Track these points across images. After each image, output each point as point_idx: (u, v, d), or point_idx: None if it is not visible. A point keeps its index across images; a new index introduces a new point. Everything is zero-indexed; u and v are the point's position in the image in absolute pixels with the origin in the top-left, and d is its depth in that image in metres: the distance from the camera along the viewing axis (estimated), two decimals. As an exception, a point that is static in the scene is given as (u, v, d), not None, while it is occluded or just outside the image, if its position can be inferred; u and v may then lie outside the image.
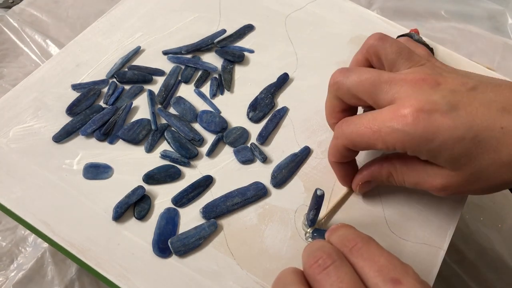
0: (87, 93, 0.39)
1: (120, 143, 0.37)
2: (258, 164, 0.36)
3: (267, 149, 0.37)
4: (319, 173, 0.36)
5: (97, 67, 0.41)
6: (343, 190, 0.35)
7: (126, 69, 0.41)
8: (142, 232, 0.32)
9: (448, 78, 0.28)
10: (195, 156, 0.36)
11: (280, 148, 0.37)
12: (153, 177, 0.35)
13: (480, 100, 0.27)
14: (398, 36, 0.43)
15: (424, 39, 0.43)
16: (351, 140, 0.29)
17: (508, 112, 0.27)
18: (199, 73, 0.42)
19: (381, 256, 0.23)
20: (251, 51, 0.44)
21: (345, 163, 0.33)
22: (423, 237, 0.34)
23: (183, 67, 0.42)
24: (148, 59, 0.42)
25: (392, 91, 0.28)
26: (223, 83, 0.41)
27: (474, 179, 0.27)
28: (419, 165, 0.30)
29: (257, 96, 0.40)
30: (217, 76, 0.41)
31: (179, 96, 0.40)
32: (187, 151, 0.36)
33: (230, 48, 0.43)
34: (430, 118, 0.26)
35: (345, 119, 0.30)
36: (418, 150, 0.27)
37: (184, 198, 0.34)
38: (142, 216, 0.33)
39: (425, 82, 0.28)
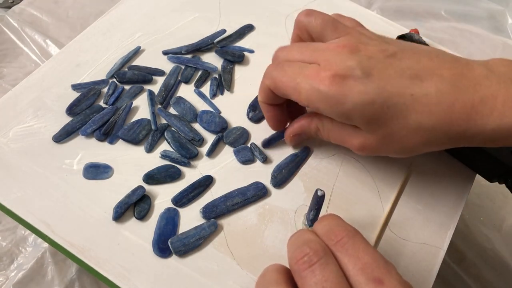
0: (87, 93, 0.39)
1: (120, 143, 0.37)
2: (258, 164, 0.36)
3: (267, 149, 0.37)
4: (319, 173, 0.36)
5: (97, 67, 0.41)
6: (345, 188, 0.35)
7: (126, 69, 0.41)
8: (142, 232, 0.32)
9: (369, 45, 0.30)
10: (195, 156, 0.36)
11: (280, 148, 0.37)
12: (153, 177, 0.35)
13: (395, 68, 0.29)
14: (398, 36, 0.43)
15: (424, 39, 0.43)
16: (274, 83, 0.31)
17: (420, 80, 0.28)
18: (199, 73, 0.42)
19: (366, 253, 0.23)
20: (251, 51, 0.44)
21: (273, 106, 0.34)
22: (423, 237, 0.34)
23: (183, 67, 0.42)
24: (148, 59, 0.42)
25: (316, 55, 0.30)
26: (223, 83, 0.41)
27: (387, 141, 0.29)
28: (341, 124, 0.31)
29: (257, 96, 0.40)
30: (217, 76, 0.41)
31: (179, 96, 0.40)
32: (187, 151, 0.36)
33: (230, 48, 0.43)
34: (343, 82, 0.28)
35: (277, 64, 0.32)
36: (330, 112, 0.29)
37: (184, 198, 0.34)
38: (142, 216, 0.33)
39: (345, 48, 0.29)
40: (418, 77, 0.28)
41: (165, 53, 0.43)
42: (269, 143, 0.37)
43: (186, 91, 0.40)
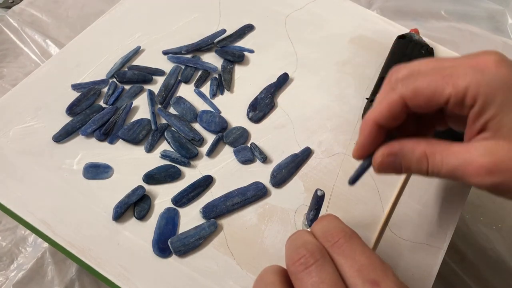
0: (87, 93, 0.39)
1: (120, 143, 0.37)
2: (258, 164, 0.36)
3: (267, 149, 0.37)
4: (319, 173, 0.36)
5: (97, 67, 0.41)
6: (345, 188, 0.35)
7: (126, 69, 0.41)
8: (142, 232, 0.32)
9: None
10: (195, 156, 0.36)
11: (280, 148, 0.37)
12: (153, 177, 0.35)
13: None
14: (398, 36, 0.43)
15: (424, 39, 0.43)
16: (413, 88, 0.25)
17: None
18: (199, 73, 0.42)
19: (362, 254, 0.23)
20: (251, 51, 0.44)
21: (381, 129, 0.27)
22: (423, 237, 0.34)
23: (183, 67, 0.42)
24: (148, 59, 0.42)
25: (457, 59, 0.26)
26: (223, 83, 0.41)
27: None
28: (465, 144, 0.25)
29: (257, 96, 0.40)
30: (217, 76, 0.41)
31: (179, 96, 0.40)
32: (187, 151, 0.36)
33: (230, 48, 0.43)
34: (510, 67, 0.24)
35: (405, 73, 0.26)
36: (492, 97, 0.23)
37: (184, 198, 0.34)
38: (142, 216, 0.33)
39: (495, 51, 0.26)
40: None
41: (165, 53, 0.43)
42: (357, 178, 0.29)
43: (186, 91, 0.40)
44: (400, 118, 0.26)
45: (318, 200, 0.29)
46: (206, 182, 0.35)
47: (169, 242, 0.32)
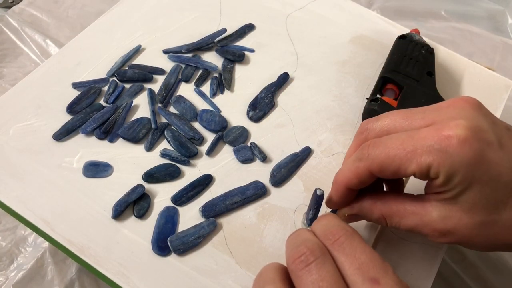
0: (88, 91, 0.39)
1: (120, 142, 0.37)
2: (257, 163, 0.36)
3: (267, 149, 0.37)
4: (319, 173, 0.36)
5: (97, 66, 0.41)
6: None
7: (127, 68, 0.41)
8: (141, 231, 0.32)
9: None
10: (194, 155, 0.36)
11: (280, 147, 0.37)
12: (152, 176, 0.35)
13: None
14: (399, 37, 0.43)
15: (424, 39, 0.43)
16: (379, 163, 0.25)
17: None
18: (200, 72, 0.42)
19: (363, 252, 0.23)
20: (252, 51, 0.44)
21: (352, 190, 0.28)
22: (423, 237, 0.34)
23: (183, 66, 0.42)
24: (149, 58, 0.42)
25: (428, 116, 0.26)
26: (223, 82, 0.41)
27: (484, 228, 0.25)
28: (420, 205, 0.26)
29: (257, 96, 0.40)
30: (217, 75, 0.41)
31: (179, 95, 0.40)
32: (187, 150, 0.36)
33: (230, 47, 0.43)
34: (476, 144, 0.24)
35: (372, 140, 0.26)
36: (453, 174, 0.24)
37: (183, 197, 0.34)
38: (142, 215, 0.33)
39: (467, 103, 0.26)
40: None
41: (166, 52, 0.43)
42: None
43: (186, 90, 0.40)
44: (370, 181, 0.27)
45: (317, 200, 0.29)
46: (205, 181, 0.35)
47: (168, 241, 0.31)
